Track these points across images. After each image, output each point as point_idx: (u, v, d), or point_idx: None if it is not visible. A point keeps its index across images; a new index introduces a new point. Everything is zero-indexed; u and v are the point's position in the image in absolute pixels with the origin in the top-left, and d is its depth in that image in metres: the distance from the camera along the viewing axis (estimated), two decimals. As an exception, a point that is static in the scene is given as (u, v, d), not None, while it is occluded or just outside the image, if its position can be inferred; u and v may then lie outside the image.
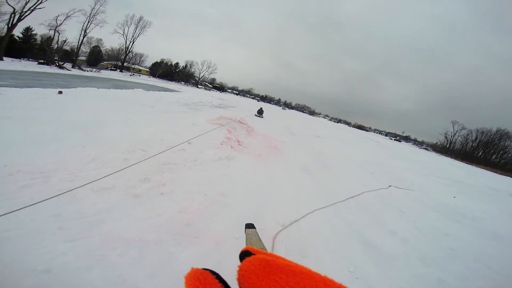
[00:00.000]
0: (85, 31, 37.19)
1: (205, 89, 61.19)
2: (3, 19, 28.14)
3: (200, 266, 0.29)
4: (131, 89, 13.99)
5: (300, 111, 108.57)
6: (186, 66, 63.48)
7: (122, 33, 46.49)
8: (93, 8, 36.27)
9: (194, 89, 43.96)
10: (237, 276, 0.26)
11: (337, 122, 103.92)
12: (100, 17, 37.32)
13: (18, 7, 28.20)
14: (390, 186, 6.40)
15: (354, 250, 2.68)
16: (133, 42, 48.27)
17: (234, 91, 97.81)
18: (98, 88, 11.51)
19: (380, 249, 2.85)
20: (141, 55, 56.48)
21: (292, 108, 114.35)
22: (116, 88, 13.23)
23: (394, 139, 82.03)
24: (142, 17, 47.62)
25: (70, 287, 1.42)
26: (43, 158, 3.12)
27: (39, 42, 35.72)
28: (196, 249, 1.97)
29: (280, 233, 2.56)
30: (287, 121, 21.39)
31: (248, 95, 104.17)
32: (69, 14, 33.72)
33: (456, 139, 64.25)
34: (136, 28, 47.43)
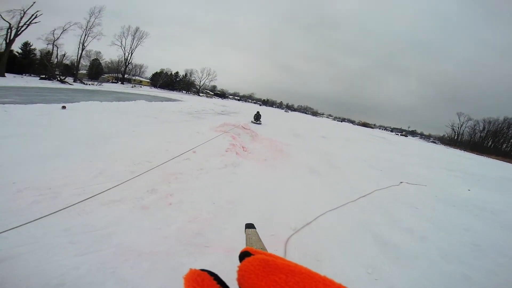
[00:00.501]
0: (83, 44, 37.69)
1: (207, 96, 61.60)
2: (0, 34, 28.69)
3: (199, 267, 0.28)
4: (133, 101, 14.11)
5: (303, 112, 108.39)
6: (186, 75, 64.07)
7: (120, 45, 46.96)
8: (89, 21, 36.77)
9: (195, 97, 44.29)
10: (236, 277, 0.27)
11: (341, 121, 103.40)
12: (96, 30, 37.73)
13: (13, 22, 28.79)
14: (401, 182, 6.26)
15: (371, 251, 2.59)
16: (132, 54, 48.73)
17: (236, 97, 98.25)
18: (101, 101, 11.64)
19: (398, 248, 2.75)
20: (141, 66, 57.24)
21: (295, 110, 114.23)
22: (119, 101, 13.36)
23: (400, 134, 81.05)
24: (138, 28, 48.13)
25: None
26: (51, 174, 3.11)
27: (38, 57, 36.26)
28: (208, 258, 1.92)
29: (292, 238, 2.48)
30: (290, 124, 21.33)
31: (250, 100, 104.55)
32: (65, 28, 34.15)
33: (463, 131, 63.28)
34: (133, 39, 47.90)
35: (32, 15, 29.64)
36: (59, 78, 30.01)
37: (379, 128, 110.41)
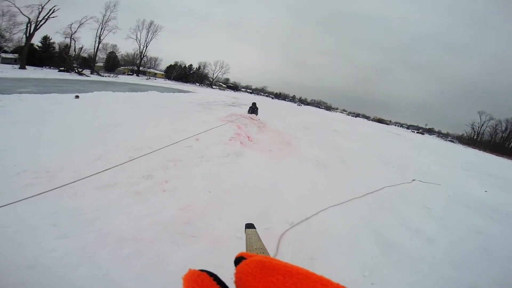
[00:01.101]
0: (99, 38, 38.57)
1: (219, 89, 61.73)
2: (20, 29, 29.79)
3: (198, 268, 0.28)
4: (145, 92, 14.29)
5: (316, 106, 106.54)
6: (199, 67, 64.36)
7: (135, 38, 47.70)
8: (104, 15, 37.46)
9: (208, 89, 44.48)
10: (234, 279, 0.26)
11: (355, 116, 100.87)
12: (112, 23, 38.52)
13: (32, 17, 29.78)
14: (413, 180, 5.96)
15: (371, 252, 2.43)
16: (147, 47, 49.43)
17: (248, 90, 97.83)
18: (114, 91, 11.86)
19: (401, 250, 2.57)
20: (156, 59, 57.94)
21: (308, 104, 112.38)
22: (132, 91, 13.56)
23: (417, 132, 77.99)
24: (153, 22, 48.60)
25: (53, 284, 1.34)
26: (50, 158, 3.14)
27: (57, 50, 37.43)
28: (192, 249, 1.84)
29: (287, 233, 2.36)
30: (302, 117, 20.96)
31: (262, 93, 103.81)
32: (82, 22, 35.01)
33: (484, 130, 60.00)
34: (148, 32, 48.43)
35: (50, 9, 30.52)
36: (77, 70, 30.95)
37: (395, 125, 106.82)
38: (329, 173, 5.10)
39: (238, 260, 0.29)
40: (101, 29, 37.82)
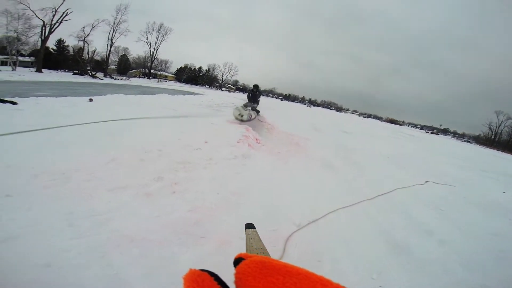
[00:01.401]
0: (111, 41, 39.54)
1: (229, 91, 62.14)
2: (35, 32, 30.89)
3: (199, 267, 0.28)
4: (156, 95, 14.60)
5: (326, 107, 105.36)
6: (209, 69, 65.05)
7: (145, 41, 48.62)
8: (115, 17, 38.35)
9: (218, 91, 44.87)
10: (234, 280, 0.26)
11: (367, 117, 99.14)
12: (123, 26, 39.50)
13: (47, 20, 30.87)
14: (427, 181, 5.81)
15: (380, 254, 2.40)
16: (157, 49, 50.25)
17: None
18: (126, 94, 12.17)
19: (412, 252, 2.52)
20: (166, 62, 58.96)
21: (318, 105, 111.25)
22: (143, 94, 13.87)
23: (431, 132, 75.71)
24: (163, 24, 49.34)
25: (66, 282, 1.41)
26: (67, 160, 3.26)
27: (71, 53, 38.61)
28: (200, 250, 1.88)
29: (294, 235, 2.36)
30: (312, 118, 20.81)
31: (271, 95, 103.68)
32: (94, 25, 36.05)
33: (502, 130, 57.68)
34: (158, 35, 49.20)
35: (63, 12, 31.54)
36: (90, 73, 31.88)
37: (408, 125, 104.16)
38: (338, 174, 5.04)
39: (237, 261, 0.29)
40: (113, 32, 38.90)
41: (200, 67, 63.58)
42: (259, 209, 2.73)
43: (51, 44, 36.53)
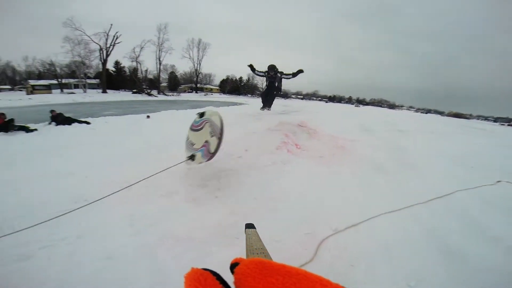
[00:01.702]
0: (159, 59, 43.63)
1: (270, 97, 62.78)
2: (95, 56, 36.05)
3: (207, 267, 0.28)
4: (204, 108, 15.73)
5: (377, 106, 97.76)
6: (249, 79, 66.88)
7: (188, 57, 51.88)
8: (159, 37, 42.20)
9: (259, 100, 45.74)
10: (233, 280, 0.27)
11: (426, 113, 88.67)
12: (166, 45, 43.15)
13: (102, 44, 35.70)
14: (499, 181, 4.96)
15: (426, 261, 2.18)
16: (200, 64, 53.46)
17: (299, 96, 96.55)
18: (177, 110, 13.47)
19: (466, 260, 2.22)
20: (210, 75, 62.61)
21: (367, 104, 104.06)
22: (192, 108, 15.11)
23: (508, 125, 63.38)
24: (201, 40, 52.38)
25: (122, 273, 1.70)
26: (131, 170, 3.81)
27: (128, 74, 43.85)
28: (233, 249, 2.03)
29: (329, 239, 2.32)
30: (360, 118, 19.62)
31: (314, 98, 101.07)
32: (142, 45, 40.34)
33: None
34: (198, 50, 52.19)
35: (114, 36, 36.23)
36: (146, 92, 35.96)
37: (477, 118, 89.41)
38: (388, 177, 4.69)
39: (233, 266, 0.30)
40: (159, 51, 42.86)
41: (241, 77, 65.84)
42: (295, 213, 2.76)
43: (110, 66, 42.05)
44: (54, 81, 37.27)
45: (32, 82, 37.97)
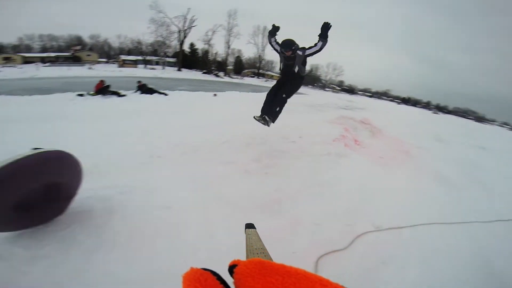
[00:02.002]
0: (228, 44, 45.45)
1: (333, 91, 59.67)
2: (174, 37, 39.53)
3: (198, 267, 0.28)
4: (264, 93, 16.10)
5: (461, 116, 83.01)
6: (311, 70, 64.33)
7: (253, 43, 52.40)
8: (228, 22, 43.57)
9: (321, 92, 44.12)
10: (233, 280, 0.27)
11: (528, 133, 71.25)
12: (235, 30, 44.46)
13: (180, 26, 38.79)
14: None
15: (464, 276, 1.99)
16: (264, 50, 53.78)
17: (367, 93, 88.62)
18: (240, 92, 14.14)
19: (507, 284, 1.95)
20: (272, 62, 62.47)
21: (449, 112, 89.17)
22: (254, 92, 15.64)
23: None
24: (266, 27, 52.01)
25: (177, 218, 2.07)
26: (196, 137, 4.33)
27: (200, 55, 47.27)
28: (274, 222, 2.20)
29: (368, 234, 2.26)
30: (434, 126, 17.21)
31: (385, 97, 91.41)
32: (214, 30, 42.48)
33: None
34: (263, 37, 52.33)
35: (190, 19, 38.99)
36: (214, 73, 38.64)
37: None
38: (451, 190, 4.15)
39: (231, 268, 0.29)
40: (228, 35, 44.59)
41: None
42: (340, 203, 2.74)
43: (186, 47, 45.91)
44: (140, 58, 43.11)
45: (123, 57, 44.98)
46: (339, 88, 71.80)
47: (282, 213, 2.41)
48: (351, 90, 76.33)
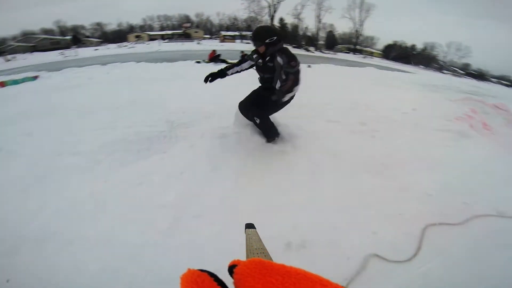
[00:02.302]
0: (319, 18, 42.33)
1: (453, 75, 48.09)
2: (265, 12, 39.46)
3: (196, 268, 0.28)
4: (363, 68, 14.76)
5: None
6: (425, 48, 53.08)
7: (348, 17, 47.63)
8: None
9: (436, 73, 36.24)
10: (233, 281, 0.27)
11: None
12: (327, 4, 41.18)
13: (270, 1, 38.10)
14: None
15: None
16: (362, 25, 47.89)
17: (503, 82, 66.95)
18: (336, 65, 13.49)
19: None
20: (372, 38, 55.06)
21: None
22: (350, 66, 14.56)
23: None
24: (364, 0, 45.44)
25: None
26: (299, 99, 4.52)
27: (290, 29, 46.27)
28: (378, 182, 2.22)
29: (487, 217, 1.93)
30: None
31: (521, 82, 67.16)
32: (303, 3, 39.83)
33: None
34: (361, 11, 46.46)
35: None
36: (304, 47, 37.44)
37: None
38: None
39: (231, 268, 0.29)
40: (319, 9, 41.36)
41: (414, 45, 53.28)
42: (456, 182, 2.36)
43: (275, 22, 45.56)
44: (237, 33, 45.97)
45: (223, 33, 49.23)
46: (462, 72, 56.28)
47: (388, 176, 2.35)
48: (480, 76, 58.88)
